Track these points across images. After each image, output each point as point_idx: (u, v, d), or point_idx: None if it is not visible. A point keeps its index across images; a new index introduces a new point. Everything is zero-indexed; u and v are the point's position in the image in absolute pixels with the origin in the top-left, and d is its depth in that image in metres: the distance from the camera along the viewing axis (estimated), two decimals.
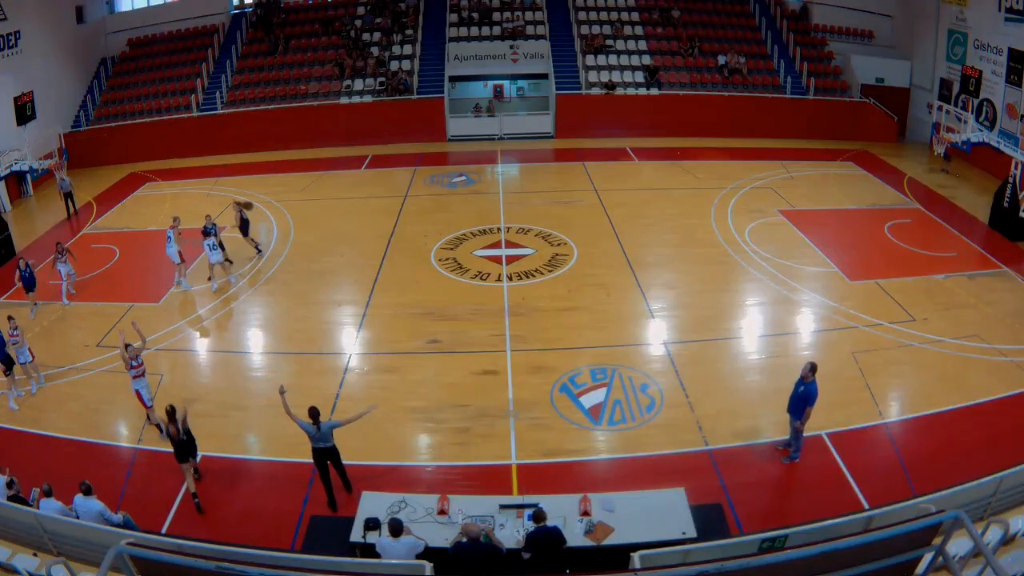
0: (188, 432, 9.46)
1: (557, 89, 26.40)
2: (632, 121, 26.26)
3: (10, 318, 12.29)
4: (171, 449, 9.55)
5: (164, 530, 9.02)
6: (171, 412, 9.47)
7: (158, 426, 10.70)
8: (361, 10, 29.34)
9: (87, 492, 8.28)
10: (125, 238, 18.60)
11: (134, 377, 10.95)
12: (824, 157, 23.82)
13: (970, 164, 22.30)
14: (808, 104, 25.75)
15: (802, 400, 9.69)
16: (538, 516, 7.58)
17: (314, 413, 9.13)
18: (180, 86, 26.53)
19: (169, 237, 15.46)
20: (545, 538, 7.43)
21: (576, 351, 12.93)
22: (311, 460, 10.23)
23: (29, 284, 14.62)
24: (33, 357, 12.21)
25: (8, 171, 20.97)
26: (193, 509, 9.44)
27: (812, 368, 9.64)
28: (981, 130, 21.32)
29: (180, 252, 15.65)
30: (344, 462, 9.63)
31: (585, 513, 8.15)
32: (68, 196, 20.57)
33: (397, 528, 7.33)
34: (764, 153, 24.09)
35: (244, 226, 17.02)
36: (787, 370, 12.35)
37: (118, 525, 8.27)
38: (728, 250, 16.71)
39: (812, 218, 18.49)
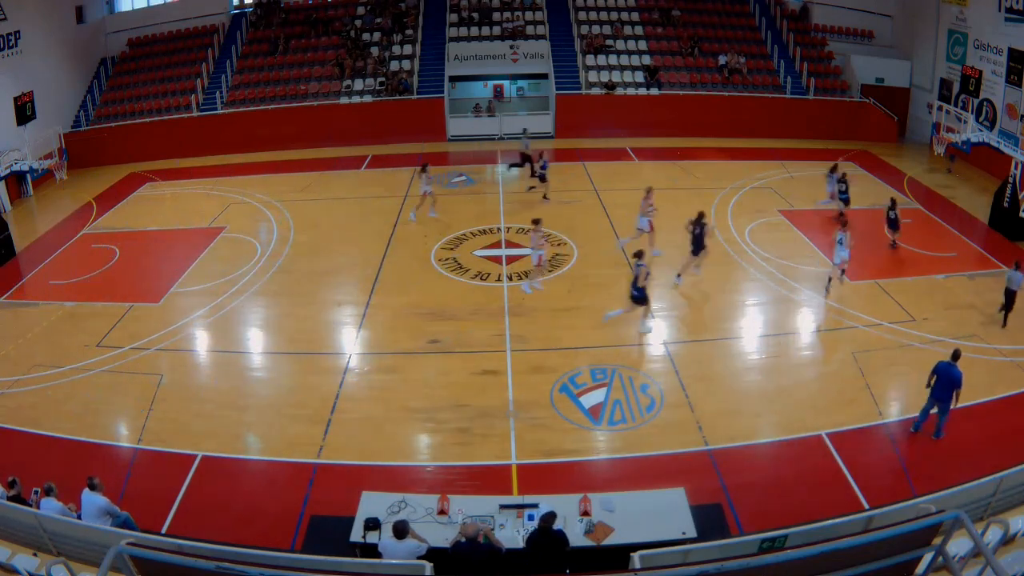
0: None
1: (557, 89, 26.40)
2: (632, 121, 26.26)
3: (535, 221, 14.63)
4: (167, 448, 9.53)
5: (164, 530, 9.01)
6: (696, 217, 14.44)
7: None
8: (361, 10, 29.35)
9: (92, 487, 8.36)
10: (125, 238, 18.59)
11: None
12: (824, 157, 23.76)
13: (970, 164, 22.30)
14: (808, 104, 25.75)
15: (955, 383, 9.96)
16: (546, 520, 7.45)
17: None
18: (180, 86, 26.54)
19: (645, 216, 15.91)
20: (547, 540, 7.39)
21: (576, 351, 12.93)
22: (311, 460, 10.28)
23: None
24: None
25: (8, 171, 20.97)
26: (195, 508, 9.44)
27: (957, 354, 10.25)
28: (981, 130, 21.33)
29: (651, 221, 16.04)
30: (344, 462, 9.77)
31: (585, 513, 8.14)
32: (527, 158, 21.47)
33: (402, 530, 7.32)
34: (764, 153, 24.09)
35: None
36: (787, 370, 12.41)
37: (121, 521, 8.32)
38: (728, 250, 16.71)
39: (812, 218, 18.49)
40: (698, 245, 14.93)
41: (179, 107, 25.87)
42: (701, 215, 14.96)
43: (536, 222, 14.83)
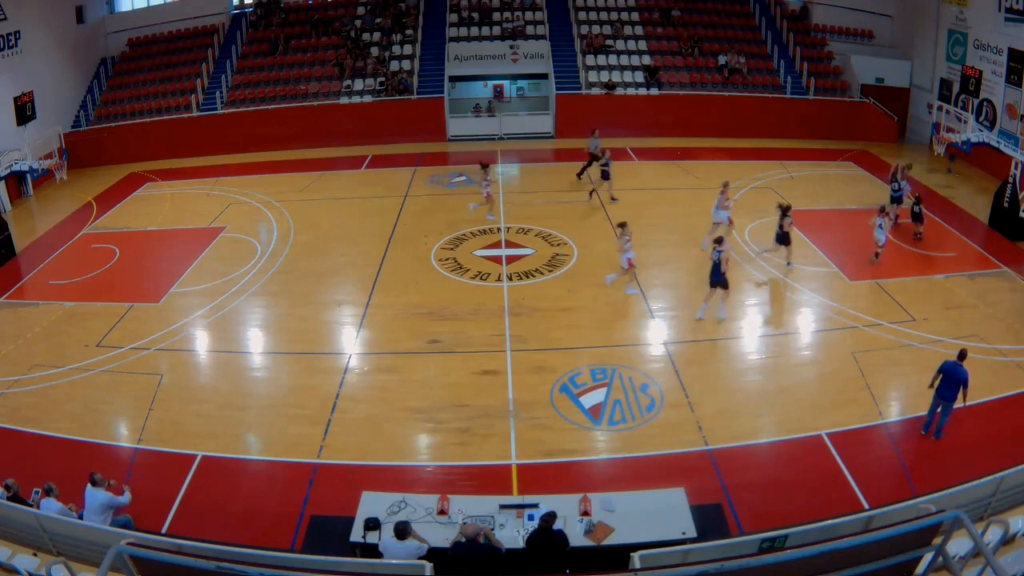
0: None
1: (557, 89, 26.40)
2: (632, 121, 26.24)
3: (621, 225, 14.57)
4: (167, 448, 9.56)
5: (164, 530, 9.02)
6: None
7: None
8: (361, 10, 29.36)
9: (95, 483, 8.43)
10: (125, 238, 18.60)
11: None
12: (824, 157, 23.82)
13: (970, 164, 22.30)
14: (808, 104, 25.74)
15: (961, 382, 10.02)
16: (546, 520, 7.48)
17: None
18: (180, 86, 26.54)
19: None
20: (547, 540, 7.39)
21: (576, 351, 12.93)
22: (311, 460, 10.28)
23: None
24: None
25: (8, 171, 20.97)
26: (195, 508, 9.45)
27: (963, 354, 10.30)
28: (981, 130, 21.33)
29: (731, 218, 16.47)
30: (344, 462, 9.72)
31: (585, 513, 8.15)
32: (594, 158, 20.49)
33: (403, 531, 7.31)
34: (764, 153, 24.09)
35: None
36: (787, 370, 12.42)
37: (122, 522, 8.36)
38: (728, 250, 16.67)
39: (812, 218, 18.47)
40: (782, 238, 15.50)
41: (179, 107, 25.86)
42: (788, 208, 15.38)
43: (622, 225, 14.73)
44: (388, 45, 28.01)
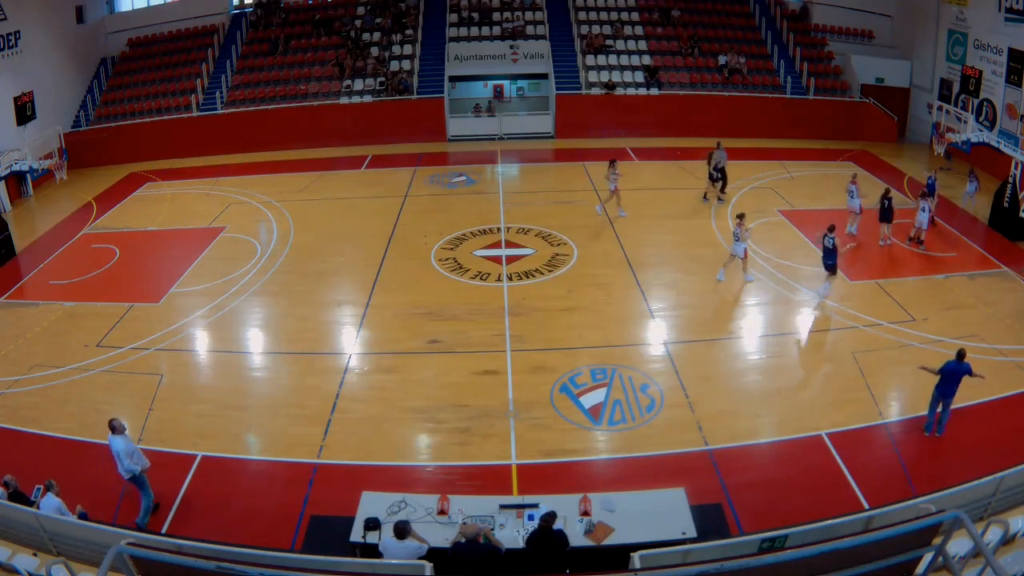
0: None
1: (557, 89, 26.40)
2: (632, 121, 26.26)
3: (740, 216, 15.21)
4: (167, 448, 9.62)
5: (164, 530, 9.02)
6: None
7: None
8: (361, 10, 29.36)
9: (114, 430, 8.95)
10: (125, 238, 18.60)
11: None
12: (824, 157, 23.82)
13: (970, 164, 22.28)
14: (808, 104, 25.75)
15: (966, 373, 10.10)
16: (546, 520, 7.48)
17: None
18: (180, 86, 26.54)
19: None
20: (547, 540, 7.38)
21: (576, 351, 12.93)
22: (311, 460, 10.28)
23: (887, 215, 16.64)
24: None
25: (8, 171, 20.97)
26: (195, 508, 9.45)
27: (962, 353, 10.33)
28: (981, 130, 21.33)
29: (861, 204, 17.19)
30: (344, 462, 9.69)
31: (585, 513, 8.14)
32: (721, 172, 19.81)
33: (403, 531, 7.31)
34: (764, 153, 24.09)
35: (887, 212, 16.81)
36: (787, 370, 12.42)
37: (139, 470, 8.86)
38: (728, 250, 16.68)
39: (812, 218, 18.47)
40: (886, 215, 16.68)
41: (179, 107, 25.87)
42: (888, 190, 16.91)
43: (741, 216, 15.23)
44: (388, 45, 28.02)
